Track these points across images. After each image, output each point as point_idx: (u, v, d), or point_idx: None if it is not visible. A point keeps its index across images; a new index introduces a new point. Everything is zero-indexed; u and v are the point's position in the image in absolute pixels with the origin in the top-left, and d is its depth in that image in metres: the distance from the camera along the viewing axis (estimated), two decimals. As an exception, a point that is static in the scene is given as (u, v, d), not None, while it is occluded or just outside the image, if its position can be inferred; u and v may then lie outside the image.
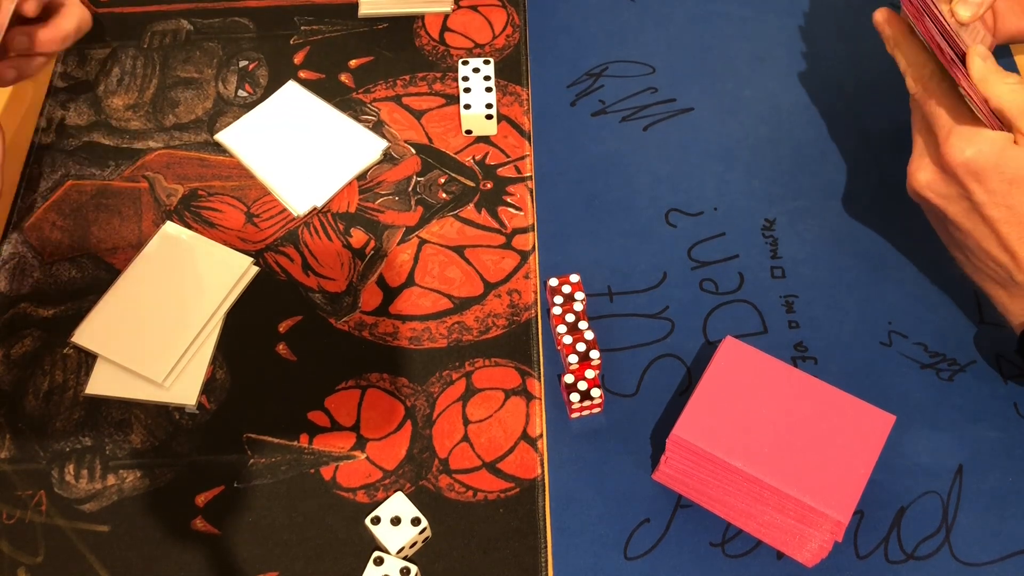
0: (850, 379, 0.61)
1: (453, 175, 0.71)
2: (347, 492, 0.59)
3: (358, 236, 0.69)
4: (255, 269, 0.67)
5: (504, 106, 0.75)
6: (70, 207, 0.70)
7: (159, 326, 0.64)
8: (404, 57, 0.78)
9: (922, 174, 0.59)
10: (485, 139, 0.73)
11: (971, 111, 0.56)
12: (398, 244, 0.68)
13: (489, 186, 0.71)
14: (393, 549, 0.55)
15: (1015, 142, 0.54)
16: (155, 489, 0.59)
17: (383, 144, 0.72)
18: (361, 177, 0.71)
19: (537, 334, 0.64)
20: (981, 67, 0.55)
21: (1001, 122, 0.55)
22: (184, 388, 0.62)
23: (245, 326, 0.65)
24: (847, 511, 0.51)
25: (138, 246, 0.68)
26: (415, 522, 0.56)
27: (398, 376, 0.63)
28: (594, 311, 0.65)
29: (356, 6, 0.80)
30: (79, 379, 0.63)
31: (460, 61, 0.75)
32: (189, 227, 0.69)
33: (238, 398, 0.62)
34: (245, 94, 0.76)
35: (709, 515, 0.58)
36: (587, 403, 0.60)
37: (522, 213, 0.70)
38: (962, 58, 0.55)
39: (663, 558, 0.56)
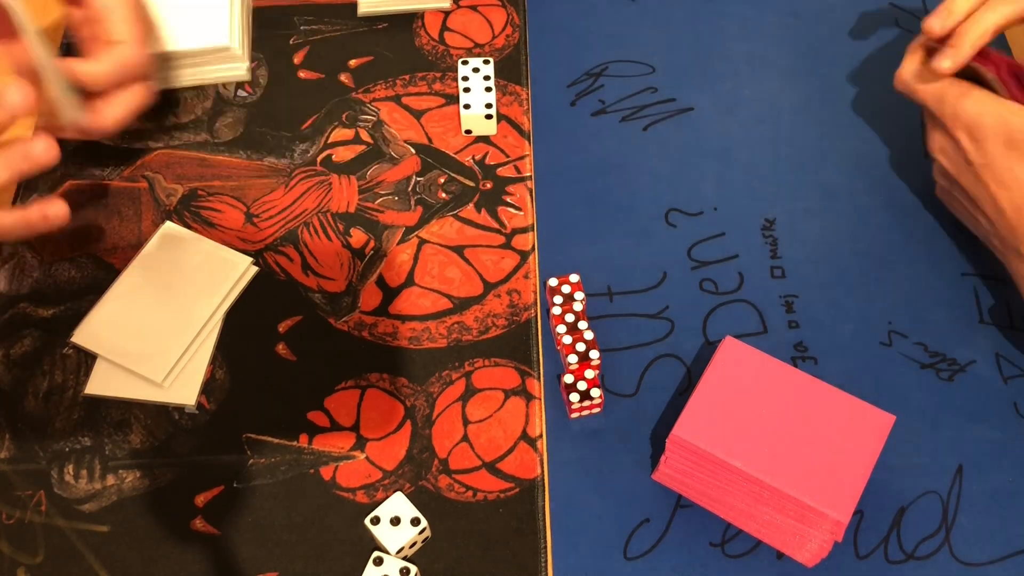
0: (850, 379, 0.61)
1: (453, 175, 0.71)
2: (347, 492, 0.59)
3: (358, 236, 0.69)
4: (255, 269, 0.67)
5: (504, 106, 0.75)
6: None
7: (158, 326, 0.64)
8: (404, 57, 0.78)
9: (936, 138, 0.63)
10: (485, 139, 0.73)
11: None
12: (398, 244, 0.68)
13: (489, 186, 0.71)
14: (393, 549, 0.55)
15: None
16: (155, 489, 0.59)
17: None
18: (361, 178, 0.71)
19: (537, 334, 0.64)
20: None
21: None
22: (184, 388, 0.62)
23: (245, 326, 0.65)
24: (847, 511, 0.51)
25: (138, 246, 0.68)
26: (415, 522, 0.56)
27: (398, 376, 0.63)
28: (594, 311, 0.65)
29: (355, 6, 0.80)
30: (78, 379, 0.63)
31: (460, 61, 0.75)
32: (189, 227, 0.69)
33: (238, 398, 0.62)
34: (244, 94, 0.76)
35: (709, 515, 0.58)
36: (587, 403, 0.60)
37: (522, 213, 0.70)
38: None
39: (663, 558, 0.56)
